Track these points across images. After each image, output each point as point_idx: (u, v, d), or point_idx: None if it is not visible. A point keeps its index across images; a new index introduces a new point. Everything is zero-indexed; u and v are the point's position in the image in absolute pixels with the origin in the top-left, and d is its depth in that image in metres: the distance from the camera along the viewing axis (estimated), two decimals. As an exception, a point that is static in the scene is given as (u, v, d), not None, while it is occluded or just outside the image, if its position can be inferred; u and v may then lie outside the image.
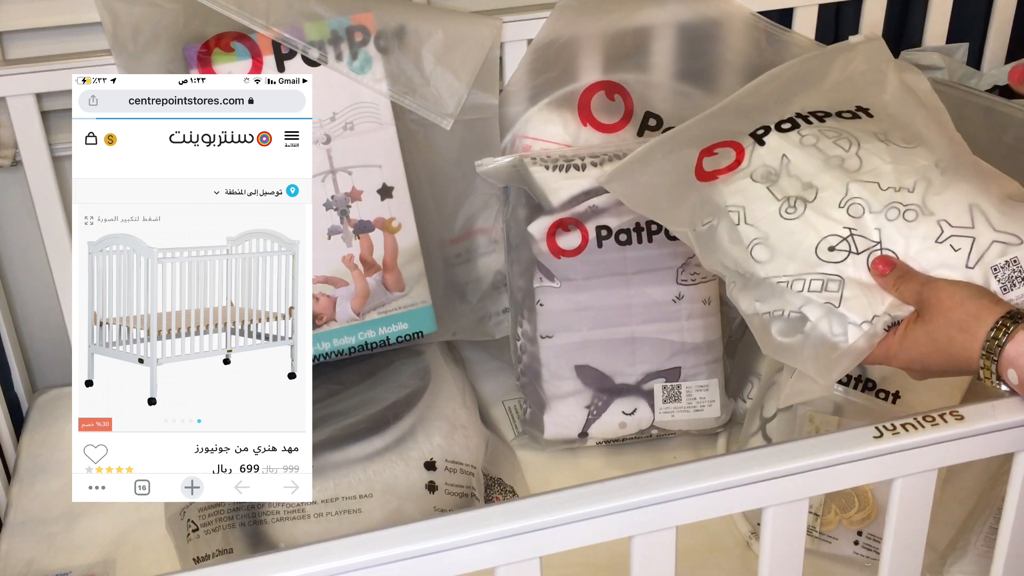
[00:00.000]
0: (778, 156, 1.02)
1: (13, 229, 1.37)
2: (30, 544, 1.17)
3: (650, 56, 1.33)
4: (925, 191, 0.96)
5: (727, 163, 1.04)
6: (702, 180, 1.04)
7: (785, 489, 0.78)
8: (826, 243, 0.95)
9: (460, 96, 1.27)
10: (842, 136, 1.01)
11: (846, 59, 1.14)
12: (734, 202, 1.01)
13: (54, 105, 1.30)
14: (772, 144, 1.03)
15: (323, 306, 1.27)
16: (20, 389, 1.38)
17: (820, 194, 0.98)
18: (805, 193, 0.98)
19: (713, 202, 1.03)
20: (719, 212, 1.02)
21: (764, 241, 0.98)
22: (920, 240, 0.94)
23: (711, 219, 1.02)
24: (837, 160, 0.99)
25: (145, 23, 1.20)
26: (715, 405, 1.27)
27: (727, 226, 1.01)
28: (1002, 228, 0.94)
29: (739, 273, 1.00)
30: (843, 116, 1.05)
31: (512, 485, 1.24)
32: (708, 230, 1.02)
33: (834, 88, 1.11)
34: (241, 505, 1.11)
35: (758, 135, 1.04)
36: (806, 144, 1.02)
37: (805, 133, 1.03)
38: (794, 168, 1.00)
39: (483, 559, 0.74)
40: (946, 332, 0.87)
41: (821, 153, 1.00)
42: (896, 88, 1.10)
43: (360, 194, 1.26)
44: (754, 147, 1.04)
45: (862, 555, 1.11)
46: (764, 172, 1.01)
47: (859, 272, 0.94)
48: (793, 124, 1.04)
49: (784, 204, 0.98)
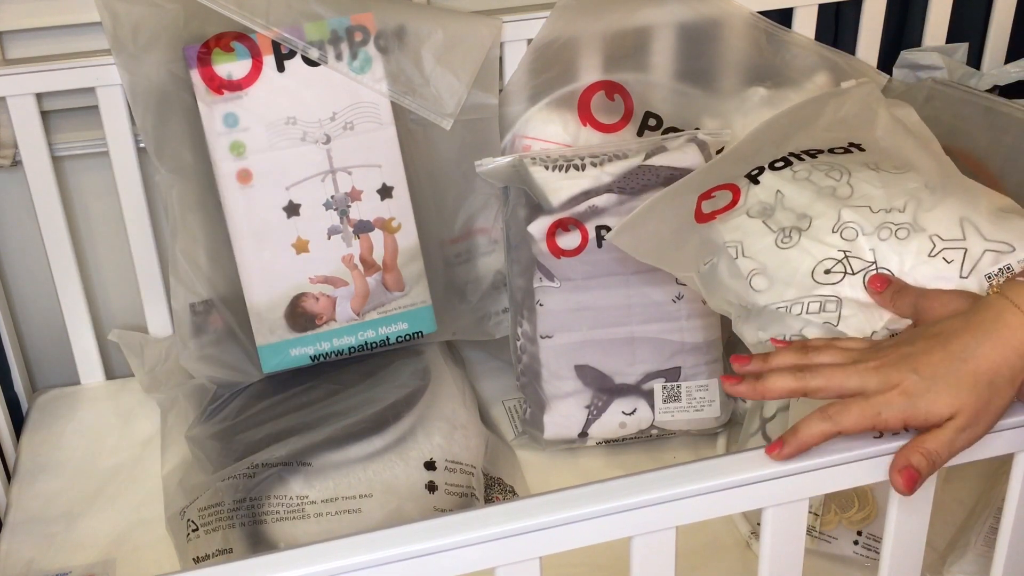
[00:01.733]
0: (772, 192, 1.05)
1: (13, 229, 1.38)
2: (30, 544, 1.17)
3: (650, 56, 1.33)
4: (916, 209, 0.98)
5: (724, 203, 1.06)
6: (701, 222, 1.07)
7: (785, 489, 0.78)
8: (822, 267, 0.97)
9: (460, 96, 1.27)
10: (834, 168, 1.05)
11: (838, 103, 1.16)
12: (732, 238, 1.04)
13: (54, 105, 1.30)
14: (766, 182, 1.06)
15: (323, 306, 1.27)
16: (20, 389, 1.38)
17: (814, 222, 1.00)
18: (799, 223, 1.01)
19: (712, 241, 1.05)
20: (718, 250, 1.04)
21: (762, 271, 1.00)
22: (913, 256, 0.96)
23: (712, 258, 1.05)
24: (829, 189, 1.02)
25: (145, 23, 1.20)
26: (715, 405, 1.27)
27: (727, 262, 1.03)
28: (993, 237, 0.95)
29: (741, 306, 1.02)
30: (835, 152, 1.08)
31: (512, 485, 1.24)
32: (710, 269, 1.04)
33: (827, 129, 1.14)
34: (241, 505, 1.11)
35: (752, 175, 1.07)
36: (799, 178, 1.05)
37: (798, 169, 1.06)
38: (788, 201, 1.03)
39: (483, 559, 0.74)
40: None
41: (813, 185, 1.03)
42: (887, 123, 1.13)
43: (360, 194, 1.27)
44: (749, 186, 1.06)
45: (862, 555, 1.11)
46: (760, 208, 1.04)
47: (855, 292, 0.96)
48: (786, 162, 1.07)
49: (779, 235, 1.01)
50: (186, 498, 1.17)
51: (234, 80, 1.22)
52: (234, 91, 1.22)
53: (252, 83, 1.22)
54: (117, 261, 1.40)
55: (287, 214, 1.25)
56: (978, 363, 0.78)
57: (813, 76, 1.36)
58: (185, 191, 1.25)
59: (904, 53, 1.45)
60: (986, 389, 0.78)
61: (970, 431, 0.78)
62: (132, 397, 1.37)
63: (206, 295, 1.27)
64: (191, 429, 1.26)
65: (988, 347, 0.79)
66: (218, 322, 1.28)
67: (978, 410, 0.78)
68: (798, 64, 1.36)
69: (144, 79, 1.22)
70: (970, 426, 0.78)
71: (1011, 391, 0.79)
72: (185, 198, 1.25)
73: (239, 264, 1.25)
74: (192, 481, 1.19)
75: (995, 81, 1.45)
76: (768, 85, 1.34)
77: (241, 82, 1.22)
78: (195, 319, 1.28)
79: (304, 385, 1.28)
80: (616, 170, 1.21)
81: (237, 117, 1.22)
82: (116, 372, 1.44)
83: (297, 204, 1.25)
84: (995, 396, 0.79)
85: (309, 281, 1.27)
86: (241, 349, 1.27)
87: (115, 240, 1.38)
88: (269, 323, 1.26)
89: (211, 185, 1.24)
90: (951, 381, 0.78)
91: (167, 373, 1.34)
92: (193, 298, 1.27)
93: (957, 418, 0.78)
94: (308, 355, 1.28)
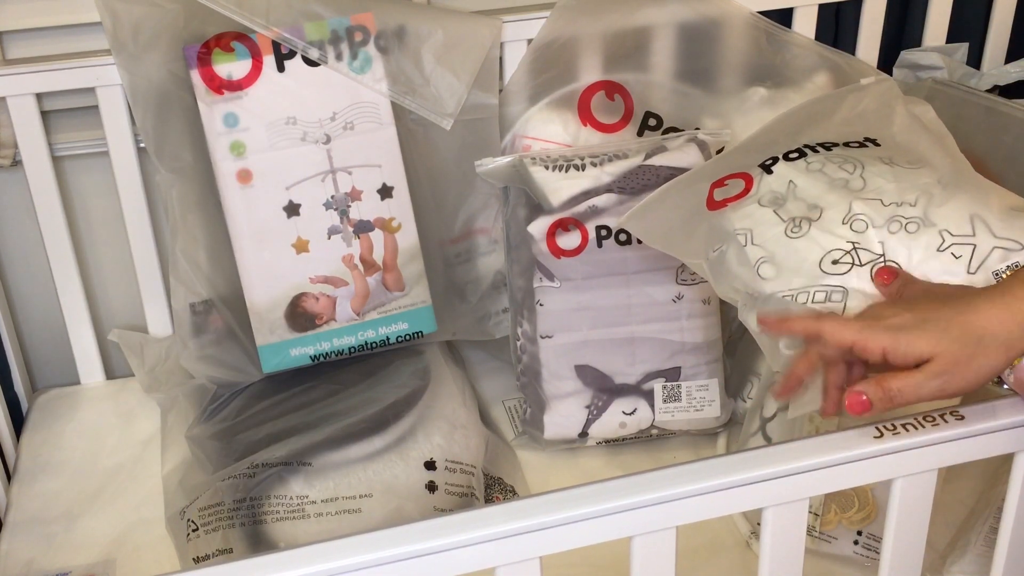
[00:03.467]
0: (785, 182, 1.04)
1: (13, 229, 1.38)
2: (30, 544, 1.17)
3: (650, 56, 1.33)
4: (927, 204, 0.98)
5: (736, 192, 1.06)
6: (712, 209, 1.06)
7: (785, 489, 0.78)
8: (830, 257, 0.97)
9: (460, 96, 1.27)
10: (847, 161, 1.04)
11: (856, 99, 1.16)
12: (742, 226, 1.03)
13: (54, 105, 1.30)
14: (780, 172, 1.05)
15: (323, 306, 1.27)
16: (20, 389, 1.38)
17: (825, 213, 1.00)
18: (810, 213, 1.00)
19: (722, 228, 1.05)
20: (728, 237, 1.04)
21: (770, 259, 1.00)
22: (922, 250, 0.95)
23: (721, 245, 1.04)
24: (841, 181, 1.01)
25: (145, 23, 1.20)
26: (715, 405, 1.27)
27: (735, 249, 1.03)
28: (1003, 235, 0.95)
29: (748, 294, 1.01)
30: (850, 146, 1.08)
31: (512, 484, 1.24)
32: (719, 256, 1.04)
33: (843, 123, 1.13)
34: (241, 505, 1.11)
35: (766, 165, 1.07)
36: (812, 170, 1.04)
37: (812, 160, 1.05)
38: (800, 192, 1.03)
39: (483, 559, 0.74)
40: None
41: (826, 176, 1.03)
42: (903, 119, 1.13)
43: (360, 194, 1.26)
44: (762, 176, 1.06)
45: (862, 555, 1.11)
46: (771, 197, 1.04)
47: (863, 283, 0.96)
48: (801, 153, 1.06)
49: (790, 224, 1.01)
50: (186, 498, 1.17)
51: (234, 80, 1.22)
52: (234, 91, 1.22)
53: (252, 83, 1.22)
54: (117, 261, 1.40)
55: (287, 214, 1.25)
56: (974, 316, 0.78)
57: (813, 76, 1.36)
58: (185, 191, 1.25)
59: (904, 53, 1.45)
60: (973, 342, 0.78)
61: (943, 380, 0.78)
62: (132, 397, 1.37)
63: (206, 295, 1.27)
64: (191, 429, 1.26)
65: (989, 305, 0.79)
66: (218, 322, 1.28)
67: (958, 360, 0.78)
68: (798, 64, 1.36)
69: (144, 79, 1.22)
70: (944, 374, 0.78)
71: (1001, 357, 0.78)
72: (185, 198, 1.25)
73: (239, 264, 1.25)
74: (192, 481, 1.19)
75: (995, 81, 1.45)
76: (768, 85, 1.34)
77: (241, 82, 1.22)
78: (195, 319, 1.28)
79: (304, 385, 1.28)
80: (616, 170, 1.21)
81: (237, 117, 1.22)
82: (116, 372, 1.44)
83: (297, 204, 1.25)
84: (980, 353, 0.78)
85: (309, 281, 1.27)
86: (241, 349, 1.27)
87: (115, 240, 1.38)
88: (269, 323, 1.26)
89: (211, 185, 1.24)
90: (940, 325, 0.78)
91: (167, 373, 1.34)
92: (193, 298, 1.27)
93: (933, 362, 0.78)
94: (308, 355, 1.28)
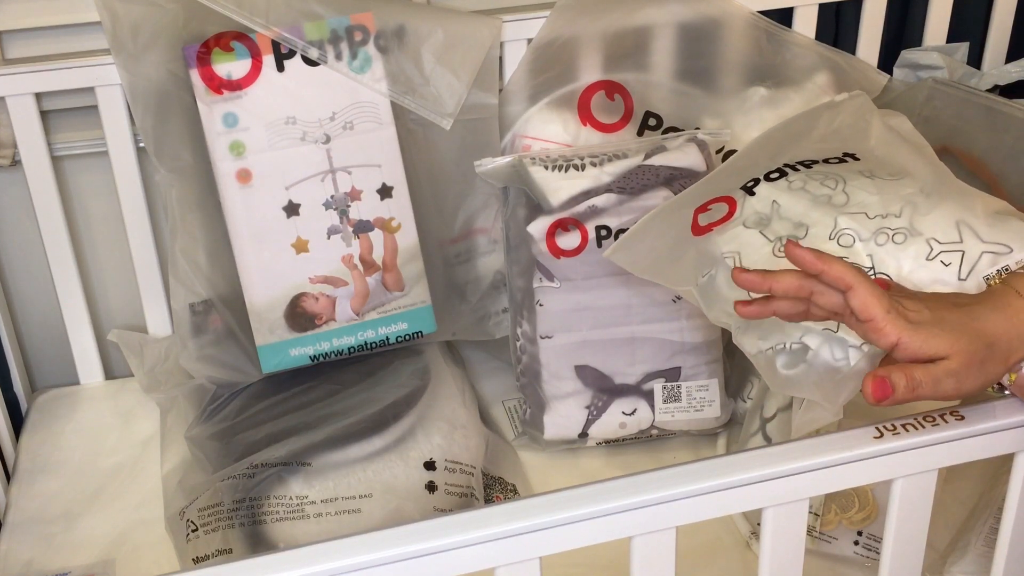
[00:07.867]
0: (768, 202, 1.05)
1: (13, 229, 1.37)
2: (30, 544, 1.17)
3: (650, 56, 1.33)
4: (912, 214, 0.98)
5: (720, 215, 1.06)
6: (698, 235, 1.07)
7: (785, 489, 0.78)
8: None
9: (460, 96, 1.27)
10: (828, 177, 1.05)
11: (831, 115, 1.16)
12: (729, 248, 1.04)
13: (54, 105, 1.30)
14: (762, 193, 1.06)
15: (323, 306, 1.27)
16: (20, 389, 1.38)
17: (811, 230, 1.00)
18: (796, 231, 1.01)
19: (710, 253, 1.05)
20: (716, 261, 1.04)
21: None
22: (911, 260, 0.96)
23: (710, 269, 1.05)
24: (824, 198, 1.02)
25: (145, 23, 1.20)
26: (715, 405, 1.27)
27: (724, 272, 1.03)
28: (991, 239, 0.96)
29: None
30: (830, 162, 1.09)
31: (514, 483, 1.24)
32: (708, 280, 1.04)
33: (821, 140, 1.14)
34: (241, 505, 1.11)
35: (748, 187, 1.07)
36: (794, 188, 1.05)
37: (793, 179, 1.06)
38: (784, 211, 1.03)
39: (483, 559, 0.74)
40: None
41: (809, 194, 1.04)
42: (880, 132, 1.14)
43: (360, 194, 1.26)
44: (745, 198, 1.06)
45: (862, 555, 1.11)
46: (756, 219, 1.04)
47: None
48: (781, 173, 1.07)
49: (776, 244, 1.01)
50: (186, 498, 1.17)
51: (234, 80, 1.21)
52: (234, 91, 1.22)
53: (252, 83, 1.22)
54: (117, 261, 1.40)
55: (287, 214, 1.25)
56: (985, 325, 0.80)
57: (813, 76, 1.36)
58: (185, 191, 1.25)
59: (904, 53, 1.45)
60: (984, 348, 0.79)
61: (957, 379, 0.79)
62: (132, 397, 1.37)
63: (206, 295, 1.27)
64: (191, 429, 1.26)
65: (996, 316, 0.80)
66: (218, 322, 1.28)
67: (972, 362, 0.79)
68: (798, 64, 1.36)
69: (144, 79, 1.22)
70: (959, 373, 0.79)
71: (1002, 367, 0.80)
72: (185, 198, 1.25)
73: (239, 264, 1.25)
74: (192, 481, 1.19)
75: (995, 81, 1.45)
76: (768, 85, 1.34)
77: (241, 82, 1.22)
78: (195, 319, 1.28)
79: (304, 385, 1.28)
80: (616, 170, 1.20)
81: (237, 117, 1.22)
82: (116, 372, 1.44)
83: (297, 204, 1.25)
84: (989, 360, 0.79)
85: (309, 281, 1.26)
86: (241, 349, 1.27)
87: (115, 240, 1.38)
88: (269, 323, 1.26)
89: (211, 185, 1.24)
90: (956, 327, 0.79)
91: (167, 373, 1.34)
92: (193, 298, 1.27)
93: (951, 360, 0.78)
94: (308, 355, 1.28)
